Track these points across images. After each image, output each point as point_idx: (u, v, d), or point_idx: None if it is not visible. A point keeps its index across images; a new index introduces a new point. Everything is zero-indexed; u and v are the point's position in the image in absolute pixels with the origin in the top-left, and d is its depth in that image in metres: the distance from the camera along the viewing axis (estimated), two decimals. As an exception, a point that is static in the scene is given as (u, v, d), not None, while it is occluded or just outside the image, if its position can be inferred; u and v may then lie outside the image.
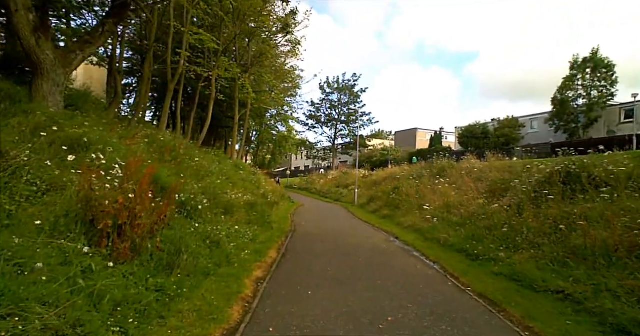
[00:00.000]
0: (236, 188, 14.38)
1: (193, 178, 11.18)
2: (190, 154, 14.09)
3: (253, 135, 34.91)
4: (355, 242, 11.14)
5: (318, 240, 11.37)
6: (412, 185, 19.38)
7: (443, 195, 15.54)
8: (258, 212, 12.68)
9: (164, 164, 10.94)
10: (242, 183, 17.00)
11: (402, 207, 17.35)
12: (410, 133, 51.00)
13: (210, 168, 14.46)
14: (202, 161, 14.29)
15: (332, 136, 45.88)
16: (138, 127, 13.80)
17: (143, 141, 12.21)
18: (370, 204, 22.57)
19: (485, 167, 16.24)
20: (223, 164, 18.66)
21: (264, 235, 11.13)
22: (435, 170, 20.24)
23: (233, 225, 10.18)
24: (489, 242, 8.89)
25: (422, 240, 11.38)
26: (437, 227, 12.15)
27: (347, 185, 33.56)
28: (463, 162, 19.60)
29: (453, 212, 12.95)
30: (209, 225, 8.91)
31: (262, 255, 8.47)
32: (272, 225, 12.71)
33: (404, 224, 14.77)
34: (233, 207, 11.28)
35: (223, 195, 11.39)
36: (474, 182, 15.37)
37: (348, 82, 44.05)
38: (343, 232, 13.41)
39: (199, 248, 6.99)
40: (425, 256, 9.11)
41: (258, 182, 21.01)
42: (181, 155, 12.89)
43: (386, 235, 12.89)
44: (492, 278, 6.84)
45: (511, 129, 38.05)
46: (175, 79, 15.78)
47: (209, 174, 13.56)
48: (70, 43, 12.81)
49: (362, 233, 13.44)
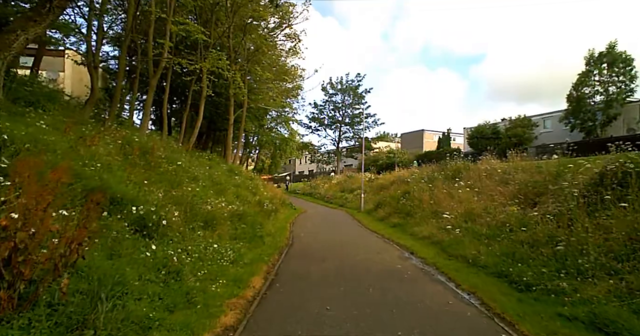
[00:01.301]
0: (225, 195, 12.31)
1: (165, 185, 9.14)
2: (172, 158, 12.09)
3: (253, 139, 32.92)
4: (363, 261, 8.99)
5: (318, 258, 9.24)
6: (424, 189, 17.22)
7: (463, 200, 13.36)
8: (247, 224, 10.59)
9: (132, 169, 8.93)
10: (234, 190, 14.95)
11: (415, 214, 15.17)
12: (417, 135, 48.75)
13: (196, 174, 12.44)
14: (185, 165, 12.27)
15: (336, 139, 43.75)
16: (110, 128, 11.83)
17: (114, 142, 10.27)
18: (378, 210, 20.41)
19: (509, 168, 14.02)
20: (215, 169, 16.65)
21: (251, 253, 9.03)
22: (450, 172, 18.07)
23: (212, 243, 8.11)
24: (538, 264, 6.71)
25: (445, 257, 9.21)
26: (460, 239, 9.97)
27: (352, 190, 31.43)
28: (481, 163, 17.41)
29: (478, 221, 10.78)
30: (177, 246, 6.85)
31: (242, 285, 6.36)
32: (264, 239, 10.61)
33: (418, 235, 12.61)
34: (215, 219, 9.21)
35: (203, 205, 9.32)
36: (497, 185, 13.19)
37: (352, 82, 41.94)
38: (349, 246, 11.27)
39: (144, 285, 4.91)
40: (454, 283, 6.93)
41: (255, 188, 18.95)
42: (158, 158, 10.88)
43: (400, 250, 10.73)
44: (565, 325, 4.65)
45: (524, 129, 35.73)
46: (158, 74, 13.81)
47: (192, 180, 11.54)
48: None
49: (371, 246, 11.30)
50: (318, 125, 43.78)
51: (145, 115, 13.62)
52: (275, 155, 31.53)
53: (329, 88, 42.76)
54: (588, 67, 32.35)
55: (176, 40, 16.10)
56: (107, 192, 6.45)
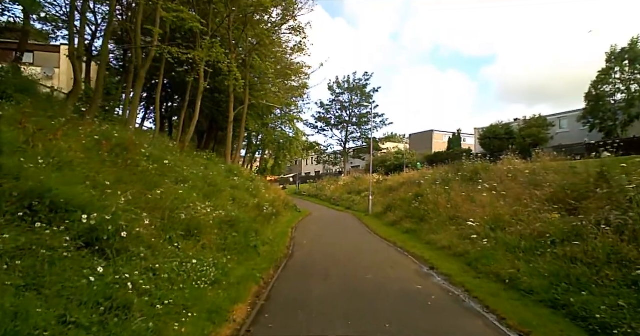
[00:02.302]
0: (217, 199, 10.77)
1: (140, 186, 7.61)
2: (158, 156, 10.60)
3: (257, 139, 31.39)
4: (375, 279, 7.37)
5: (320, 275, 7.63)
6: (439, 191, 15.55)
7: (485, 205, 11.69)
8: (240, 232, 9.01)
9: (100, 167, 7.44)
10: (231, 192, 13.42)
11: (430, 220, 13.49)
12: (426, 136, 46.88)
13: (185, 174, 10.92)
14: (173, 164, 10.77)
15: (343, 139, 42.03)
16: (90, 122, 10.39)
17: (90, 138, 8.81)
18: (388, 214, 18.75)
19: (537, 169, 12.32)
20: (211, 169, 15.15)
21: (241, 268, 7.48)
22: (467, 173, 16.39)
23: (192, 257, 6.57)
24: (609, 294, 5.04)
25: (474, 275, 7.56)
26: (490, 252, 8.29)
27: (359, 192, 29.77)
28: (502, 163, 15.71)
29: (508, 230, 9.10)
30: (141, 264, 5.32)
31: (219, 318, 4.79)
32: (259, 250, 9.04)
33: (436, 244, 10.96)
34: (199, 227, 7.66)
35: (186, 211, 7.77)
36: (525, 187, 11.50)
37: (359, 81, 40.10)
38: (357, 257, 9.67)
39: (63, 333, 3.36)
40: (497, 316, 5.26)
41: (256, 189, 17.41)
42: (138, 155, 9.38)
43: (416, 263, 9.09)
44: None
45: (539, 129, 33.74)
46: (147, 64, 12.36)
47: (178, 181, 10.03)
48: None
49: (383, 258, 9.67)
50: (324, 125, 42.13)
51: (133, 109, 12.15)
52: (278, 156, 29.89)
53: (336, 88, 41.10)
54: (609, 63, 30.32)
55: (170, 30, 14.66)
56: (46, 196, 4.95)
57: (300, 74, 23.79)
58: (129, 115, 12.55)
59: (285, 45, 22.73)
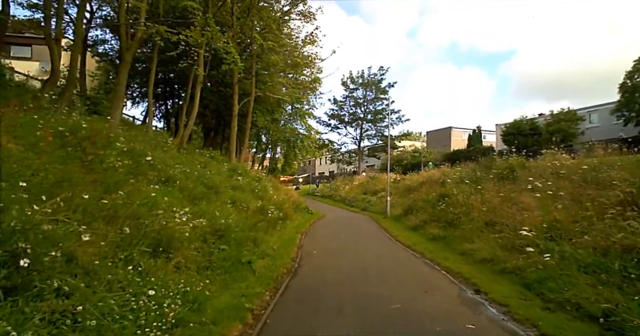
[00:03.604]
0: (208, 202, 8.87)
1: (95, 188, 5.76)
2: (139, 151, 8.78)
3: (268, 137, 29.51)
4: (404, 311, 5.32)
5: (330, 306, 5.60)
6: (469, 191, 13.37)
7: (531, 207, 9.50)
8: (230, 244, 7.07)
9: (37, 161, 5.63)
10: (231, 193, 11.56)
11: (461, 225, 11.35)
12: (444, 133, 44.24)
13: (171, 173, 9.07)
14: (156, 161, 8.93)
15: (358, 137, 39.84)
16: (60, 113, 8.68)
17: (55, 130, 7.08)
18: (409, 217, 16.60)
19: (596, 166, 10.05)
20: (210, 168, 13.33)
21: (226, 294, 5.56)
22: (501, 171, 14.15)
23: (157, 283, 4.68)
24: None
25: (540, 306, 5.43)
26: (556, 272, 6.15)
27: (375, 192, 27.64)
28: (544, 159, 13.45)
29: (576, 241, 6.94)
30: (54, 306, 3.44)
31: None
32: (254, 266, 7.08)
33: (474, 255, 8.84)
34: (173, 240, 5.75)
35: (155, 219, 5.86)
36: (583, 187, 9.28)
37: (374, 76, 37.81)
38: (378, 275, 7.61)
39: None
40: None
41: (263, 190, 15.52)
42: (109, 150, 7.57)
43: (456, 283, 6.98)
44: None
45: (568, 123, 30.96)
46: (133, 47, 10.60)
47: (160, 181, 8.18)
48: None
49: (411, 276, 7.60)
50: (338, 123, 39.99)
51: (117, 99, 10.38)
52: (289, 154, 27.94)
53: (350, 83, 38.89)
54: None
55: (164, 11, 12.87)
56: None
57: (311, 66, 21.75)
58: (112, 106, 10.78)
59: (295, 36, 20.86)
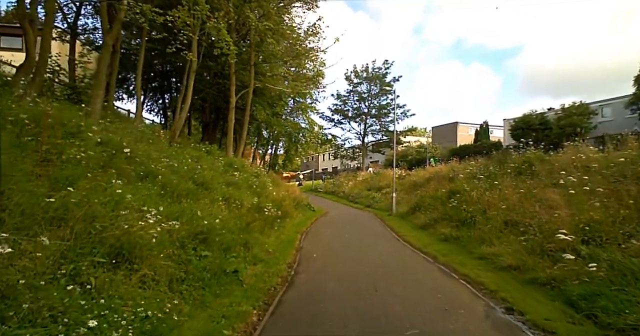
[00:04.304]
0: (192, 200, 7.74)
1: (28, 184, 4.64)
2: (116, 144, 7.67)
3: (270, 132, 28.34)
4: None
5: (330, 331, 4.47)
6: (483, 187, 12.18)
7: (559, 205, 8.31)
8: (214, 251, 5.95)
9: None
10: (224, 190, 10.45)
11: (477, 224, 10.18)
12: (450, 128, 42.76)
13: (152, 167, 7.96)
14: (137, 154, 7.83)
15: (361, 132, 38.49)
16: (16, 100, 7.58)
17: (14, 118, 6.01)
18: (416, 214, 15.44)
19: (634, 158, 8.82)
20: (203, 162, 12.23)
21: (201, 317, 4.45)
22: (518, 165, 12.95)
23: (107, 305, 3.57)
24: None
25: (597, 333, 4.27)
26: (609, 287, 4.97)
27: (380, 188, 26.47)
28: (567, 152, 12.20)
29: (626, 247, 5.75)
30: None
31: None
32: (242, 276, 5.94)
33: (495, 260, 7.67)
34: (137, 248, 4.63)
35: (116, 222, 4.74)
36: (620, 182, 8.06)
37: (379, 70, 36.40)
38: (387, 286, 6.45)
39: None
40: None
41: (261, 186, 14.41)
42: (81, 140, 6.47)
43: (480, 297, 5.81)
44: None
45: (580, 117, 29.52)
46: (114, 29, 9.44)
47: (139, 175, 7.08)
48: None
49: (425, 288, 6.43)
50: (341, 118, 38.68)
51: (97, 87, 9.24)
52: (289, 149, 26.71)
53: (354, 77, 37.55)
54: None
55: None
56: None
57: (313, 58, 20.45)
58: (91, 94, 9.65)
59: (297, 27, 19.58)
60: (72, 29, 15.63)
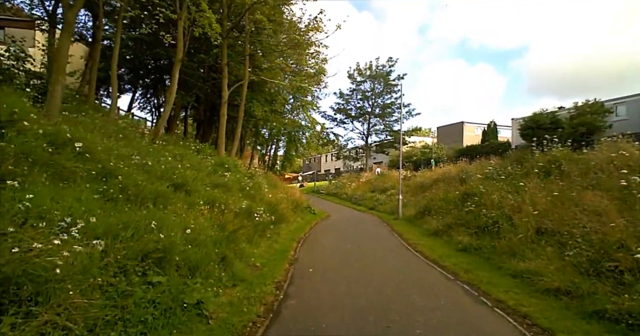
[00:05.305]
0: (164, 205, 6.20)
1: None
2: (77, 139, 6.16)
3: (269, 131, 26.84)
4: None
5: None
6: (505, 190, 10.60)
7: (606, 211, 6.72)
8: (171, 275, 4.40)
9: None
10: (208, 193, 8.92)
11: (502, 232, 8.58)
12: (456, 128, 41.05)
13: (112, 165, 6.43)
14: (96, 149, 6.31)
15: (365, 132, 36.85)
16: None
17: None
18: (426, 219, 13.87)
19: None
20: (187, 160, 10.71)
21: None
22: (543, 164, 11.36)
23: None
24: None
25: None
26: None
27: (384, 190, 24.86)
28: (602, 149, 10.59)
29: None
30: None
31: None
32: (208, 309, 4.38)
33: (534, 280, 6.11)
34: (29, 285, 3.08)
35: (5, 245, 3.20)
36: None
37: (383, 68, 34.81)
38: (401, 318, 4.88)
39: None
40: None
41: (255, 188, 12.87)
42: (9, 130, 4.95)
43: (530, 340, 4.23)
44: None
45: (594, 116, 27.77)
46: (77, 5, 7.94)
47: (92, 175, 5.56)
48: None
49: (453, 320, 4.84)
50: (344, 117, 37.03)
51: (56, 72, 7.75)
52: (289, 149, 25.16)
53: (357, 75, 35.90)
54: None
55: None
56: None
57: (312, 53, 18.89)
58: (49, 80, 8.15)
59: (298, 17, 18.07)
60: (51, 17, 14.27)
